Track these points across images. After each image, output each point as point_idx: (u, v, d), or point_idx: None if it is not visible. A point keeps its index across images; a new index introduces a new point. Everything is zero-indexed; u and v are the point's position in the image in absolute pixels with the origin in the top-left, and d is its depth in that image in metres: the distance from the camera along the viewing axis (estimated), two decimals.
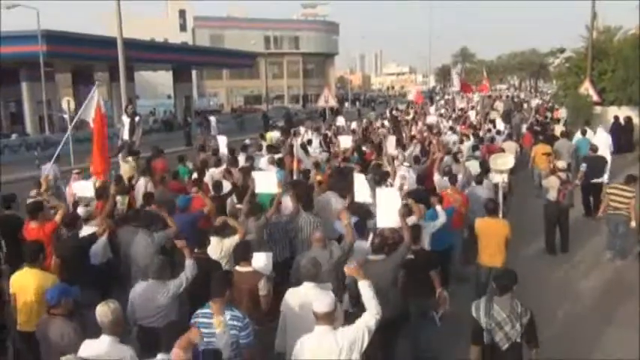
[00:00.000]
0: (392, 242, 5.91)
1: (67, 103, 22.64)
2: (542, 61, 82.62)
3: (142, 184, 9.37)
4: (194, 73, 55.24)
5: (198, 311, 4.30)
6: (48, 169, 10.73)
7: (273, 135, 17.41)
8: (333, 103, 26.25)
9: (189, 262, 5.05)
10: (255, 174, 8.38)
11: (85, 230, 6.57)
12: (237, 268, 5.24)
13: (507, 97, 44.66)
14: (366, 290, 4.12)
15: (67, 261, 5.94)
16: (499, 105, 31.36)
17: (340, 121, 21.14)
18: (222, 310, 4.17)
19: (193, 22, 73.26)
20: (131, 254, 6.22)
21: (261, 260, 5.54)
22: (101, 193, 8.16)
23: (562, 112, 25.08)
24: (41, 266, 5.33)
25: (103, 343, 3.90)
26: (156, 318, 4.77)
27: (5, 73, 35.19)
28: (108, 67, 38.70)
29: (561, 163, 10.72)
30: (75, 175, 9.85)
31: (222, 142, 13.57)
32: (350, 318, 4.29)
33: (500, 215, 8.33)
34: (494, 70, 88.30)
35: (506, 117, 24.34)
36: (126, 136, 13.92)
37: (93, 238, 6.21)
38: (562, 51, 32.95)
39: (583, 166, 11.87)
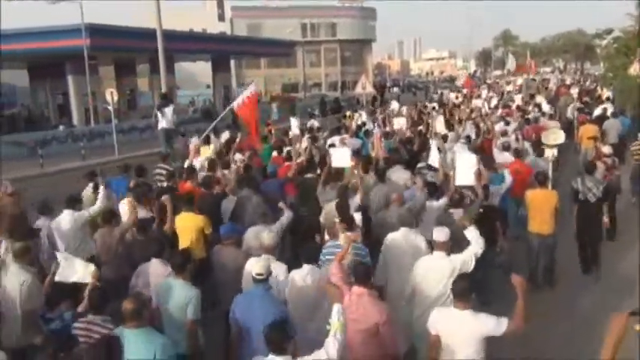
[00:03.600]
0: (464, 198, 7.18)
1: (110, 94, 23.16)
2: (589, 43, 79.45)
3: (239, 158, 10.30)
4: (232, 62, 55.67)
5: (329, 243, 5.77)
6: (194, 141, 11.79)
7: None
8: (370, 89, 26.27)
9: (288, 213, 6.65)
10: (331, 150, 9.52)
11: None
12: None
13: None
14: (472, 232, 5.29)
15: (205, 212, 7.03)
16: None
17: (394, 104, 22.21)
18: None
19: (231, 11, 73.69)
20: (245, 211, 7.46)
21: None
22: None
23: (608, 93, 24.24)
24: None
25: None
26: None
27: (52, 66, 36.41)
28: (149, 58, 39.46)
29: (607, 149, 10.72)
30: (192, 148, 10.89)
31: (294, 123, 14.60)
32: None
33: (550, 187, 8.77)
34: (538, 53, 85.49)
35: (552, 100, 23.75)
36: (165, 124, 14.14)
37: (223, 195, 7.77)
38: (609, 32, 31.43)
39: None
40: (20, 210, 7.54)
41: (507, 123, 15.08)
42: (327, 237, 6.19)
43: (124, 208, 7.16)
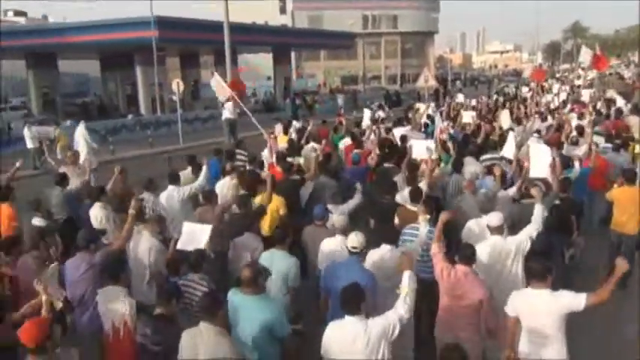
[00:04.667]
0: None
1: (176, 85, 23.87)
2: None
3: (311, 148, 10.55)
4: (293, 54, 56.13)
5: (408, 226, 5.96)
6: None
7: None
8: (432, 83, 25.82)
9: (358, 196, 7.08)
10: (412, 141, 9.71)
11: None
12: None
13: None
14: (538, 209, 5.56)
15: (284, 196, 7.40)
16: None
17: (460, 97, 22.32)
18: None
19: (293, 3, 74.16)
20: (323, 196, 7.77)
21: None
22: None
23: None
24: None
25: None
26: None
27: (122, 57, 37.99)
28: (213, 50, 40.40)
29: None
30: (272, 138, 11.27)
31: (366, 115, 14.89)
32: None
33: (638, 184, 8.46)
34: (612, 46, 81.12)
35: (627, 96, 22.55)
36: (229, 115, 14.45)
37: (302, 181, 8.12)
38: None
39: None
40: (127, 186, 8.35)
41: (580, 117, 14.60)
42: (396, 221, 6.37)
43: (222, 187, 7.83)
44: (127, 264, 5.01)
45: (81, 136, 16.36)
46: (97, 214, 6.89)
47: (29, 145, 18.39)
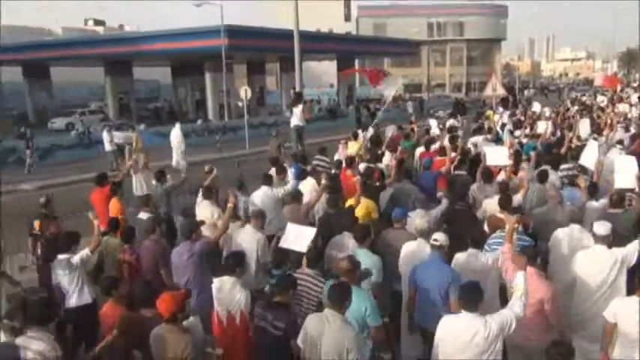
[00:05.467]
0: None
1: (244, 92, 24.51)
2: None
3: (387, 157, 10.74)
4: (357, 61, 56.35)
5: (495, 234, 5.98)
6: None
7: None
8: (501, 91, 25.19)
9: (445, 202, 7.08)
10: (487, 148, 9.58)
11: None
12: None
13: None
14: None
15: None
16: None
17: (536, 106, 21.78)
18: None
19: (357, 11, 74.45)
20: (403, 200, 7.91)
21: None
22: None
23: None
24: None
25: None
26: None
27: (192, 65, 39.48)
28: (278, 58, 41.21)
29: None
30: (343, 145, 11.73)
31: (434, 124, 14.87)
32: None
33: None
34: None
35: None
36: (297, 122, 14.67)
37: (382, 187, 8.28)
38: None
39: None
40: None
41: None
42: (486, 229, 6.39)
43: (306, 188, 8.16)
44: (245, 258, 5.34)
45: (175, 137, 17.30)
46: (204, 212, 7.42)
47: (107, 147, 19.38)
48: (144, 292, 4.61)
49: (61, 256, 5.58)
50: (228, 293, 4.86)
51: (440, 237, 5.20)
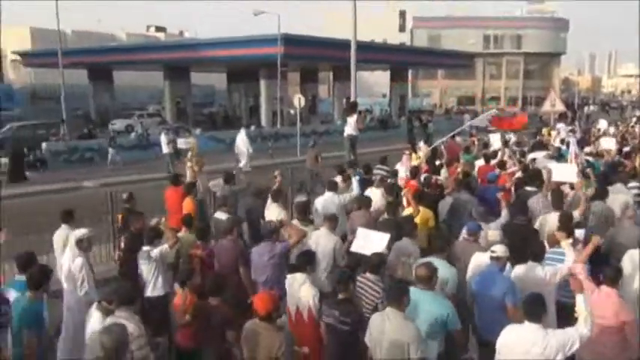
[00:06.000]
0: None
1: (298, 100, 24.79)
2: None
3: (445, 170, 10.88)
4: (409, 72, 56.04)
5: (552, 249, 5.93)
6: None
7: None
8: (560, 107, 24.47)
9: (505, 214, 7.14)
10: (553, 164, 9.55)
11: None
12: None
13: None
14: None
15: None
16: None
17: (602, 124, 21.61)
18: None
19: (412, 22, 74.05)
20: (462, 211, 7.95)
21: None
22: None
23: None
24: None
25: None
26: None
27: (248, 72, 40.27)
28: (331, 66, 41.49)
29: None
30: (406, 156, 11.78)
31: (495, 137, 14.77)
32: None
33: None
34: None
35: None
36: (351, 131, 14.69)
37: (440, 196, 8.43)
38: None
39: None
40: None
41: None
42: (546, 244, 6.28)
43: (375, 196, 8.30)
44: (315, 257, 5.60)
45: (241, 141, 17.76)
46: (274, 213, 7.74)
47: (165, 150, 19.95)
48: (214, 283, 4.97)
49: (144, 248, 6.01)
50: (297, 289, 5.13)
51: (498, 249, 5.28)
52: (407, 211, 7.51)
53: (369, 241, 6.06)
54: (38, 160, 20.35)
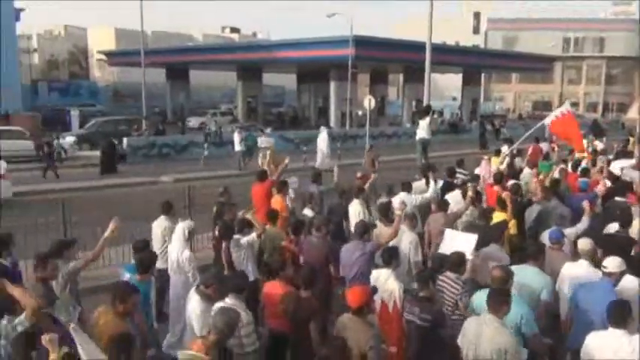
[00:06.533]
0: None
1: (368, 101, 24.77)
2: None
3: (529, 173, 10.80)
4: (482, 75, 54.59)
5: None
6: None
7: None
8: None
9: (584, 220, 6.95)
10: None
11: None
12: None
13: None
14: None
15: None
16: None
17: None
18: None
19: (487, 23, 72.05)
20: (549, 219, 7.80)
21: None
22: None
23: None
24: None
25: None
26: None
27: (318, 73, 40.66)
28: (403, 68, 41.14)
29: None
30: (485, 160, 11.71)
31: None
32: None
33: None
34: None
35: None
36: (423, 134, 14.54)
37: (528, 203, 8.31)
38: None
39: None
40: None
41: None
42: None
43: (454, 198, 8.37)
44: (399, 252, 5.76)
45: (323, 141, 18.10)
46: (356, 209, 8.03)
47: (237, 148, 20.54)
48: (308, 277, 5.11)
49: (234, 236, 6.42)
50: (383, 283, 5.26)
51: (610, 263, 5.11)
52: (495, 217, 7.42)
53: (457, 243, 6.11)
54: (119, 154, 21.52)
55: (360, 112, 42.31)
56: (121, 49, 54.80)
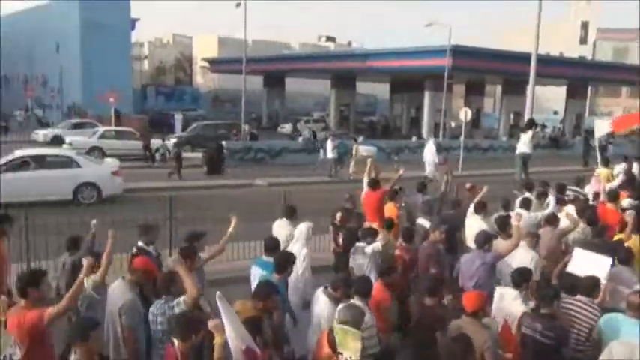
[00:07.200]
0: None
1: (464, 113, 24.12)
2: None
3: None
4: (589, 89, 51.35)
5: None
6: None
7: None
8: None
9: None
10: None
11: None
12: None
13: None
14: None
15: None
16: None
17: None
18: None
19: (596, 34, 67.77)
20: None
21: None
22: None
23: None
24: None
25: None
26: None
27: (411, 82, 40.27)
28: (502, 79, 39.72)
29: None
30: (596, 178, 11.36)
31: None
32: None
33: None
34: None
35: None
36: (524, 149, 13.92)
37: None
38: None
39: None
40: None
41: None
42: None
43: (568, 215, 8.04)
44: (531, 275, 5.56)
45: (429, 151, 18.06)
46: (477, 226, 7.81)
47: (329, 155, 20.78)
48: (432, 284, 5.13)
49: (359, 244, 6.50)
50: (509, 304, 5.18)
51: None
52: (617, 237, 7.16)
53: (588, 264, 5.84)
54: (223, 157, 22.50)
55: (453, 124, 41.35)
56: (222, 56, 57.51)
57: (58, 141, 24.81)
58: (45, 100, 41.21)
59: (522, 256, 6.35)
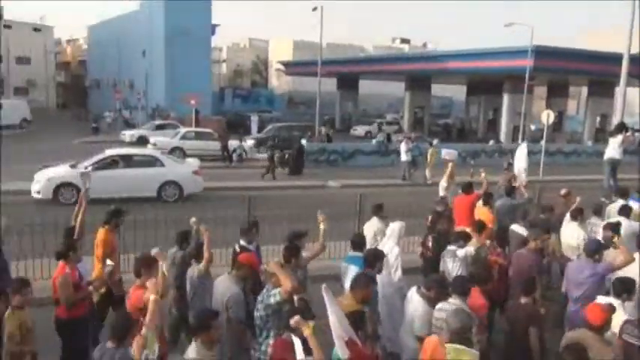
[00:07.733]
0: None
1: (546, 116, 23.07)
2: None
3: None
4: None
5: None
6: None
7: None
8: None
9: None
10: None
11: None
12: None
13: None
14: None
15: None
16: None
17: None
18: None
19: None
20: None
21: None
22: None
23: None
24: None
25: None
26: None
27: (489, 84, 39.08)
28: (587, 81, 37.71)
29: None
30: None
31: None
32: None
33: None
34: None
35: None
36: (614, 154, 13.06)
37: None
38: None
39: None
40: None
41: None
42: None
43: None
44: (635, 286, 5.39)
45: (522, 155, 17.63)
46: (575, 233, 7.63)
47: (403, 158, 20.52)
48: (528, 284, 5.21)
49: (450, 247, 6.47)
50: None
51: None
52: None
53: None
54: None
55: (532, 127, 39.62)
56: (297, 59, 58.41)
57: (143, 141, 26.21)
58: (131, 103, 43.67)
59: (630, 267, 6.05)
